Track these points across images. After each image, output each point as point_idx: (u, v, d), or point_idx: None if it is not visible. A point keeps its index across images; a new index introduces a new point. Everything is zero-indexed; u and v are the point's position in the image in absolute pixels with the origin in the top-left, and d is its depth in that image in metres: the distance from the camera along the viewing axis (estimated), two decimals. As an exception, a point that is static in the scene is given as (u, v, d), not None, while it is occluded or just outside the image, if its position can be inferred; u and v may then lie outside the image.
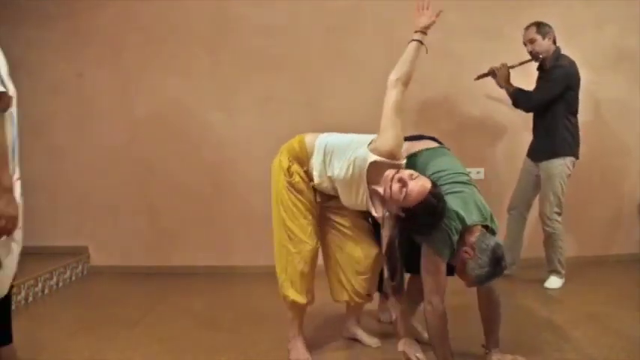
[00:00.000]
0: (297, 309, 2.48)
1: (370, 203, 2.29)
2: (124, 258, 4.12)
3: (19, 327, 2.98)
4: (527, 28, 3.52)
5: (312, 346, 2.54)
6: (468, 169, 4.07)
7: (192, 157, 4.15)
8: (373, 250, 2.49)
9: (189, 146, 4.13)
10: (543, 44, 3.46)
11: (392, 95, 2.23)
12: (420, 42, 2.33)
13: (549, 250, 3.59)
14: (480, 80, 3.73)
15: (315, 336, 2.69)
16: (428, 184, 2.09)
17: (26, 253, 3.97)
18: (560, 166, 3.49)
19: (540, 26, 3.48)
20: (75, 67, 4.17)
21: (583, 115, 4.12)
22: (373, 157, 2.19)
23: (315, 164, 2.42)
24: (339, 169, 2.32)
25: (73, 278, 3.95)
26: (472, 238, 2.14)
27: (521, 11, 3.93)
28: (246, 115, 4.16)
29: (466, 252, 2.14)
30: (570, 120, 3.52)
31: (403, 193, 2.06)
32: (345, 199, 2.39)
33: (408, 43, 2.34)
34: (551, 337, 2.65)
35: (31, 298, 3.41)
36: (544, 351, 2.49)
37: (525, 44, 3.54)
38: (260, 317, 3.08)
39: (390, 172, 2.13)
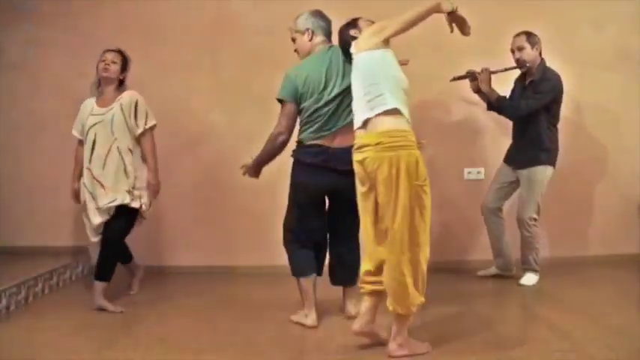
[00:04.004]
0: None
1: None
2: (123, 258, 4.12)
3: (19, 326, 2.99)
4: (517, 35, 3.58)
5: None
6: (469, 169, 4.18)
7: (192, 157, 4.15)
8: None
9: (189, 146, 4.13)
10: (531, 53, 3.53)
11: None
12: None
13: (526, 250, 3.66)
14: (457, 82, 3.75)
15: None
16: None
17: (27, 253, 4.01)
18: (542, 173, 3.57)
19: (530, 36, 3.54)
20: (75, 67, 4.17)
21: (583, 116, 4.13)
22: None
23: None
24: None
25: (73, 278, 3.95)
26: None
27: (521, 11, 3.94)
28: (246, 115, 4.16)
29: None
30: (552, 131, 3.60)
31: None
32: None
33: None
34: (551, 337, 2.65)
35: (31, 298, 3.41)
36: (544, 351, 2.49)
37: (513, 51, 3.59)
38: (260, 317, 3.08)
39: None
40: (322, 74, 2.78)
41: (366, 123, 2.44)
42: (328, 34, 2.99)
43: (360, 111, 2.48)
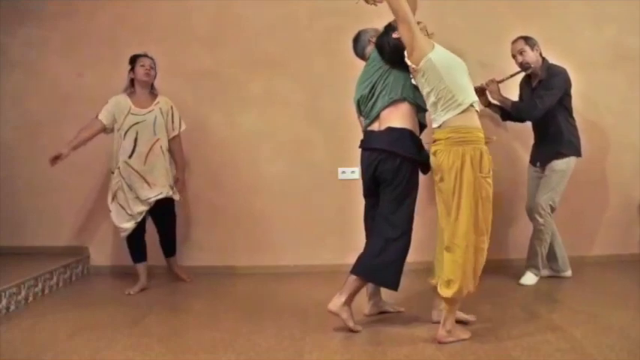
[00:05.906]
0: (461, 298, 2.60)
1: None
2: (124, 258, 4.10)
3: (19, 327, 2.99)
4: (515, 41, 3.58)
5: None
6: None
7: (192, 157, 4.15)
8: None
9: (189, 146, 4.13)
10: (532, 55, 3.53)
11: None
12: None
13: (535, 242, 3.63)
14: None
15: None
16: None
17: (26, 253, 4.02)
18: (564, 163, 3.58)
19: (528, 39, 3.55)
20: (75, 67, 4.18)
21: (583, 116, 4.13)
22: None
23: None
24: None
25: (73, 278, 3.96)
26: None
27: (520, 11, 3.94)
28: (246, 115, 4.16)
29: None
30: (571, 122, 3.62)
31: None
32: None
33: None
34: (551, 337, 2.65)
35: (31, 298, 3.41)
36: (544, 351, 2.49)
37: (514, 56, 3.59)
38: (260, 317, 3.08)
39: None
40: (361, 87, 2.96)
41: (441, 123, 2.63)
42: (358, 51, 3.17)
43: (435, 116, 2.65)
